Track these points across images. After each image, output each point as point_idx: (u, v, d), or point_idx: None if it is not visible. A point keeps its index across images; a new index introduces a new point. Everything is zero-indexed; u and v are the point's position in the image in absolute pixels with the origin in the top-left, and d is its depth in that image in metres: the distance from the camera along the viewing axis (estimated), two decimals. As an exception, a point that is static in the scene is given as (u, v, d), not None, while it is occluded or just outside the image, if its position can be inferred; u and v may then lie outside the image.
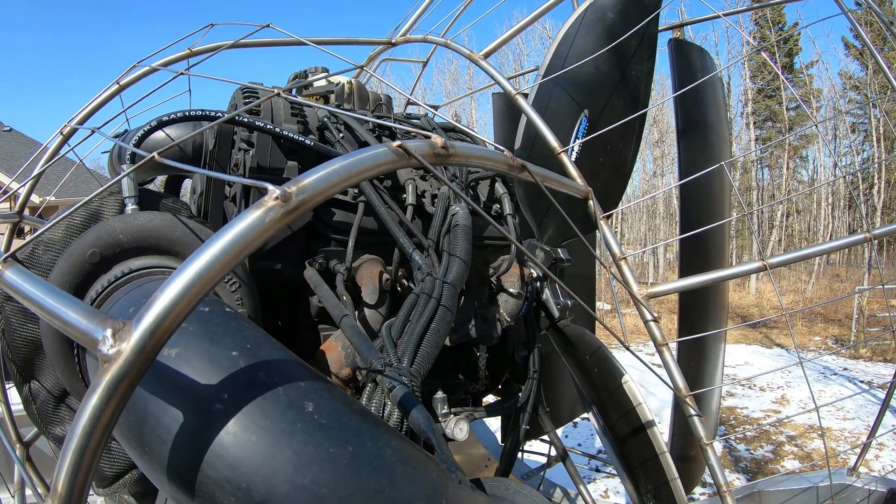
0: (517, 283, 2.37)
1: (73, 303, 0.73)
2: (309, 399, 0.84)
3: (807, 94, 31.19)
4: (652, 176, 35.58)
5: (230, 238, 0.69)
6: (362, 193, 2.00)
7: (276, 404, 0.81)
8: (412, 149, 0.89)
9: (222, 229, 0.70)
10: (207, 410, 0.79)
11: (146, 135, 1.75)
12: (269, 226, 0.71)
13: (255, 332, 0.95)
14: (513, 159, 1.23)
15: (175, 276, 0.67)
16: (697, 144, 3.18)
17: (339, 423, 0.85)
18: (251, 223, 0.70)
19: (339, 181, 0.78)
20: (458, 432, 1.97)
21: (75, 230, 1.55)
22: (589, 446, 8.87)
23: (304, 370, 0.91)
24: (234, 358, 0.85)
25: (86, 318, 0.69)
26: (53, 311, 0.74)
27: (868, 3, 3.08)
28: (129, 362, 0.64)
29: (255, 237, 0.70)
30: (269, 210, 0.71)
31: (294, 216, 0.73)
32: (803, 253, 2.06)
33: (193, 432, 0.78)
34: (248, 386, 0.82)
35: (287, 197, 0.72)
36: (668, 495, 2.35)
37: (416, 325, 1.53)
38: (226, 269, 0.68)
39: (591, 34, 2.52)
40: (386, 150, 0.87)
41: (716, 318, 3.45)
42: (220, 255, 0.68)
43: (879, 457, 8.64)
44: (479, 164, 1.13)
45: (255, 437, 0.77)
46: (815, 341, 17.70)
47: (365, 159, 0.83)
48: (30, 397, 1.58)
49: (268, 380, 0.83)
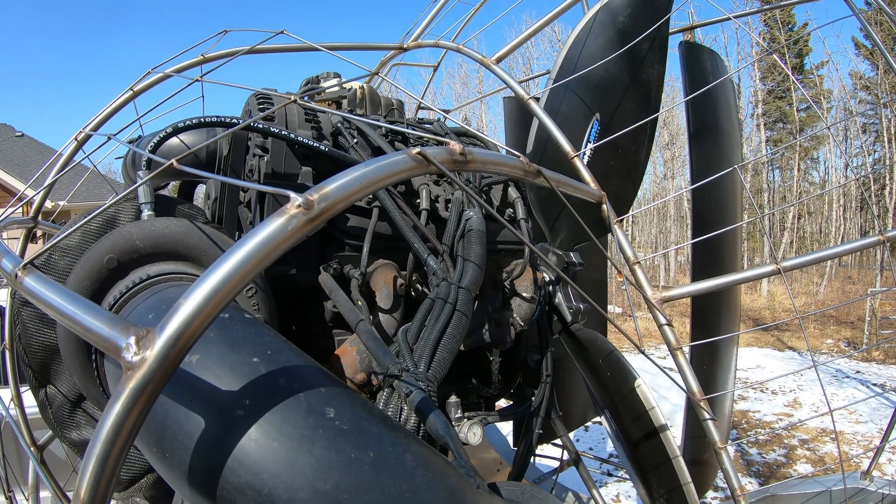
0: (530, 288, 2.36)
1: (94, 310, 0.73)
2: (329, 405, 0.84)
3: (817, 95, 31.00)
4: (662, 179, 35.46)
5: (253, 245, 0.69)
6: (377, 199, 2.00)
7: (298, 410, 0.81)
8: (431, 156, 0.89)
9: (245, 237, 0.70)
10: (229, 416, 0.79)
11: (162, 141, 1.76)
12: (292, 233, 0.71)
13: (275, 339, 0.95)
14: (528, 164, 1.23)
15: (199, 284, 0.67)
16: (709, 147, 3.16)
17: (360, 428, 0.85)
18: (274, 231, 0.70)
19: (360, 188, 0.78)
20: (472, 436, 1.97)
21: (92, 236, 1.56)
22: (600, 450, 8.84)
23: (324, 376, 0.91)
24: (254, 364, 0.85)
25: (108, 325, 0.69)
26: (75, 319, 0.74)
27: (879, 3, 3.06)
28: (153, 370, 0.64)
29: (277, 244, 0.70)
30: (291, 218, 0.71)
31: (316, 224, 0.73)
32: (817, 256, 2.04)
33: (215, 438, 0.78)
34: (269, 392, 0.82)
35: (310, 205, 0.72)
36: (681, 499, 2.33)
37: (431, 329, 1.53)
38: (249, 276, 0.68)
39: (603, 37, 2.52)
40: (405, 157, 0.87)
41: (728, 322, 3.43)
42: (244, 263, 0.68)
43: (892, 461, 8.56)
44: (495, 170, 1.13)
45: (277, 444, 0.77)
46: (827, 344, 17.57)
47: (385, 166, 0.83)
48: (45, 402, 1.59)
49: (288, 386, 0.84)
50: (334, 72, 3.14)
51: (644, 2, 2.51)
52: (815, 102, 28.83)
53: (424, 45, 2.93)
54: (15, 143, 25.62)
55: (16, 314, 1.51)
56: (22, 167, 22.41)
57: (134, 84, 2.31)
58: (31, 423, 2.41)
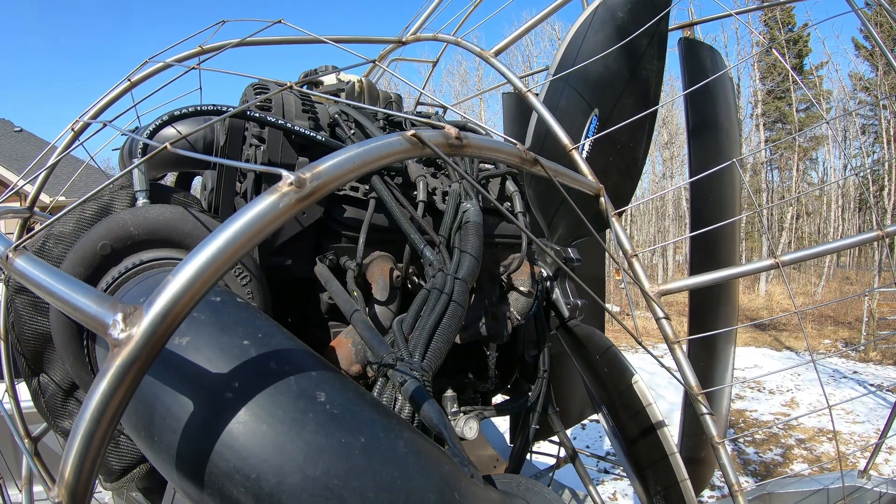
0: (528, 282, 2.36)
1: (83, 288, 0.72)
2: (321, 389, 0.83)
3: (817, 95, 31.02)
4: (662, 178, 35.47)
5: (243, 223, 0.68)
6: (373, 190, 1.99)
7: (288, 394, 0.80)
8: (426, 138, 0.88)
9: (235, 214, 0.69)
10: (218, 399, 0.77)
11: (158, 129, 1.75)
12: (283, 211, 0.70)
13: (267, 323, 0.94)
14: (525, 152, 1.22)
15: (187, 261, 0.66)
16: (708, 144, 3.15)
17: (351, 413, 0.84)
18: (265, 208, 0.69)
19: (353, 168, 0.77)
20: (468, 431, 1.96)
21: (86, 223, 1.55)
22: (597, 448, 8.83)
23: (315, 360, 0.90)
24: (245, 347, 0.83)
25: (96, 302, 0.68)
26: (63, 297, 0.73)
27: (881, 3, 3.04)
28: (139, 346, 0.63)
29: (268, 222, 0.69)
30: (283, 196, 0.70)
31: (308, 202, 0.72)
32: (815, 251, 2.04)
33: (203, 422, 0.77)
34: (259, 375, 0.81)
35: (301, 182, 0.71)
36: (678, 496, 2.33)
37: (427, 320, 1.52)
38: (238, 253, 0.67)
39: (602, 33, 2.51)
40: (400, 138, 0.86)
41: (726, 318, 3.42)
42: (233, 240, 0.67)
43: (889, 460, 8.57)
44: (491, 157, 1.12)
45: (266, 427, 0.76)
46: (824, 344, 17.59)
47: (379, 147, 0.82)
48: (38, 391, 1.57)
49: (279, 369, 0.82)
50: (332, 65, 3.13)
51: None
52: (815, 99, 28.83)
53: (423, 39, 2.91)
54: (14, 138, 25.62)
55: (9, 302, 1.50)
56: (20, 162, 22.38)
57: (131, 74, 2.29)
58: (27, 417, 2.39)
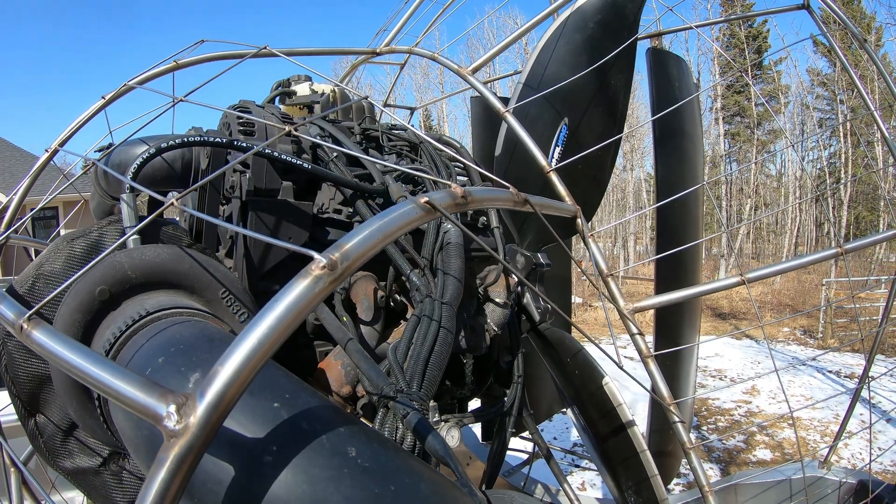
0: (503, 293, 2.42)
1: (125, 374, 0.74)
2: (350, 444, 0.88)
3: (775, 90, 31.93)
4: (622, 170, 35.97)
5: (284, 308, 0.72)
6: (357, 213, 2.03)
7: (322, 452, 0.86)
8: (437, 203, 0.94)
9: (274, 299, 0.73)
10: (258, 463, 0.82)
11: (144, 163, 1.74)
12: (319, 294, 0.75)
13: (289, 381, 0.98)
14: (517, 195, 1.29)
15: (234, 347, 0.70)
16: (674, 150, 3.29)
17: (379, 464, 0.90)
18: (302, 292, 0.74)
19: (377, 242, 0.83)
20: (450, 439, 2.05)
21: (76, 262, 1.55)
22: (564, 439, 9.05)
23: (340, 416, 0.96)
24: (276, 409, 0.88)
25: (144, 391, 0.71)
26: (106, 384, 0.74)
27: (841, 17, 3.12)
28: (195, 436, 0.67)
29: (307, 304, 0.74)
30: (317, 280, 0.75)
31: (340, 282, 0.77)
32: (779, 268, 2.19)
33: (247, 485, 0.81)
34: (294, 437, 0.85)
35: (334, 265, 0.76)
36: (648, 491, 2.45)
37: (420, 348, 1.58)
38: (281, 338, 0.72)
39: (572, 43, 2.57)
40: (414, 206, 0.92)
41: (690, 321, 3.58)
42: (276, 325, 0.71)
43: (849, 444, 8.94)
44: (491, 205, 1.19)
45: (307, 486, 0.81)
46: (784, 332, 18.27)
47: (399, 217, 0.88)
48: (36, 431, 1.57)
49: (310, 429, 0.87)
50: (305, 75, 3.12)
51: (612, 10, 2.57)
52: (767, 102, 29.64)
53: (398, 51, 2.94)
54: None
55: (1, 345, 1.48)
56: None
57: (107, 94, 2.27)
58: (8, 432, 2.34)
